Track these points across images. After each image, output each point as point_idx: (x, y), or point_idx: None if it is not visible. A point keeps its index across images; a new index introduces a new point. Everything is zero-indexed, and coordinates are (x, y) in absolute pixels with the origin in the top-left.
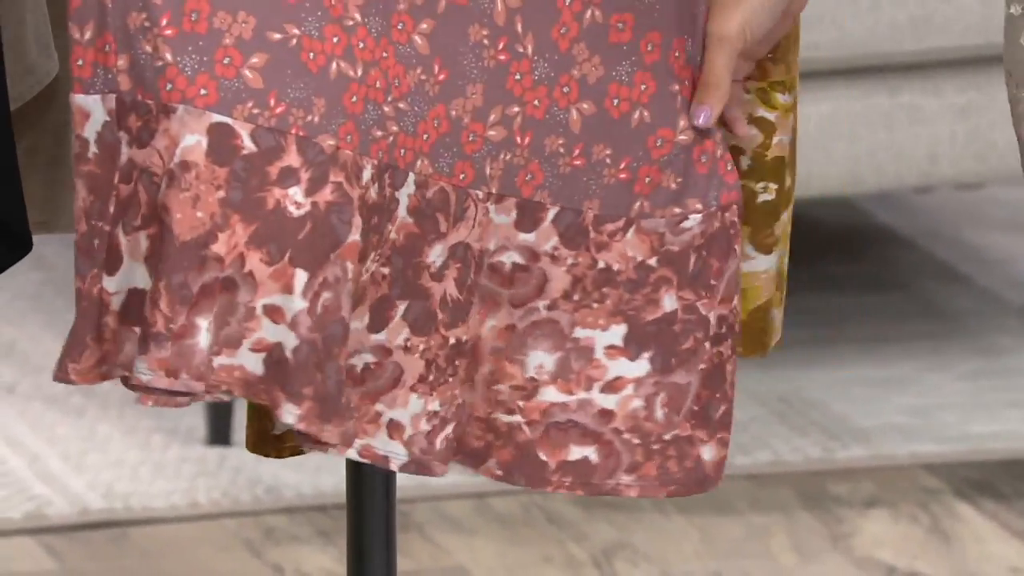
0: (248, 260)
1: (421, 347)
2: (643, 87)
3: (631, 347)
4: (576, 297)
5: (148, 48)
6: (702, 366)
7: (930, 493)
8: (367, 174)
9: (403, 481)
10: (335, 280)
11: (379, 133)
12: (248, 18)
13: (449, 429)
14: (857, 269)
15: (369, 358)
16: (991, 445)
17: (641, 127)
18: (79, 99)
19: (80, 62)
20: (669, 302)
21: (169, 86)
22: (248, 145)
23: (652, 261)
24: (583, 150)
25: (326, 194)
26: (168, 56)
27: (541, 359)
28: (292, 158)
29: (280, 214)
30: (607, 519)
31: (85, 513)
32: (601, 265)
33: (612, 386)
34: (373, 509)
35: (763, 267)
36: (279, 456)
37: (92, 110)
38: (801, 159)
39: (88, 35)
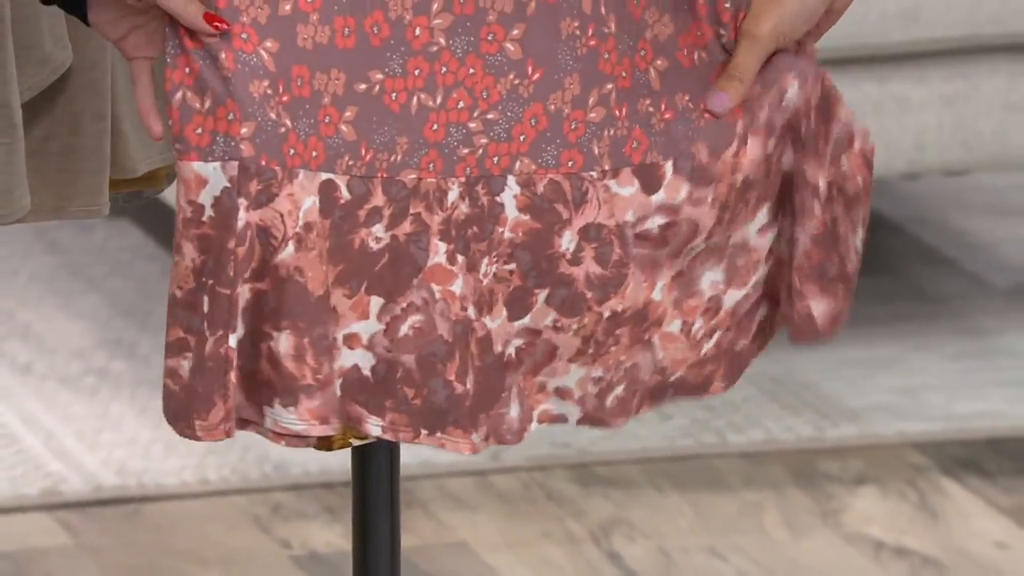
0: (332, 296)
1: (574, 326)
2: (699, 33)
3: (775, 218)
4: (727, 217)
5: (272, 115)
6: (814, 231)
7: (917, 470)
8: (453, 194)
9: (407, 459)
10: (423, 303)
11: (465, 151)
12: (339, 75)
13: (619, 390)
14: None
15: (519, 342)
16: (976, 424)
17: (702, 67)
18: (197, 167)
19: (199, 131)
20: (787, 160)
21: (292, 151)
22: (345, 195)
23: (770, 146)
24: (668, 103)
25: (406, 227)
26: (288, 122)
27: (712, 277)
28: (378, 199)
29: (363, 251)
30: (604, 495)
31: (99, 490)
32: (739, 182)
33: (761, 232)
34: (378, 486)
35: None
36: (329, 449)
37: (211, 177)
38: None
39: (208, 104)
